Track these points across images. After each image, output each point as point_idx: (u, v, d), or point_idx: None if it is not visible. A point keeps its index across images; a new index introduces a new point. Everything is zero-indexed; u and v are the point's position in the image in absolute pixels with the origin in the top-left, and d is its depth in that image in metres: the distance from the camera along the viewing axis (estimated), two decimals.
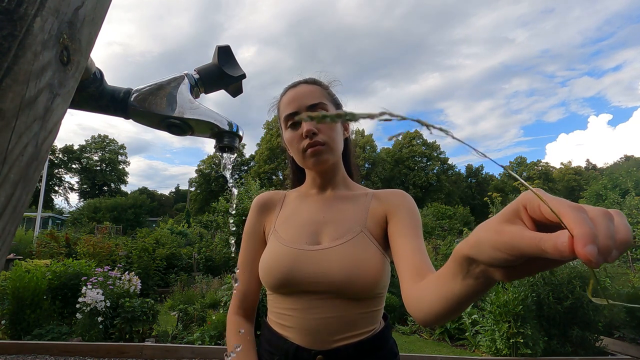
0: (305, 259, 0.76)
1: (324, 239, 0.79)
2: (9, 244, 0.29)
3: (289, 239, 0.81)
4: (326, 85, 0.93)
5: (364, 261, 0.74)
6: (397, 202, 0.85)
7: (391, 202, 0.85)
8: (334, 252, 0.75)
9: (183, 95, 0.53)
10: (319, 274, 0.74)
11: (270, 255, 0.81)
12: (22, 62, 0.26)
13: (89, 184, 47.87)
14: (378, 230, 0.81)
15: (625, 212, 9.16)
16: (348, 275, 0.72)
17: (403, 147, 52.33)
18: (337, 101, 0.93)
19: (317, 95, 0.87)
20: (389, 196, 0.87)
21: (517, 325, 3.83)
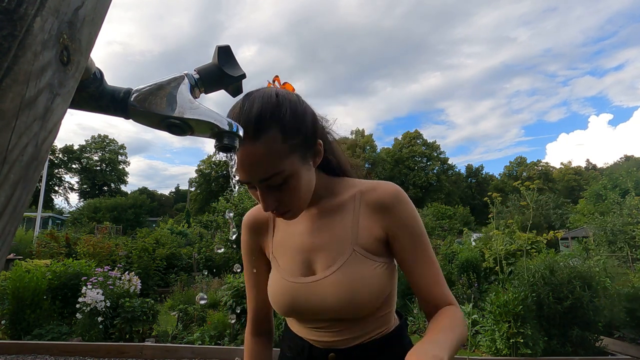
0: (303, 292, 0.76)
1: (317, 267, 0.76)
2: (9, 244, 0.29)
3: (286, 268, 0.80)
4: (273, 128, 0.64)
5: (360, 285, 0.72)
6: (396, 216, 0.75)
7: (389, 217, 0.75)
8: (329, 282, 0.73)
9: (183, 95, 0.53)
10: (318, 306, 0.74)
11: (273, 288, 0.82)
12: (22, 62, 0.26)
13: (89, 184, 47.89)
14: (373, 243, 0.76)
15: (625, 212, 9.16)
16: (346, 303, 0.72)
17: (403, 147, 52.35)
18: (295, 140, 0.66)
19: (268, 164, 0.65)
20: (383, 205, 0.76)
21: (517, 325, 3.83)
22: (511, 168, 58.80)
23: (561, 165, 57.74)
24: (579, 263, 4.46)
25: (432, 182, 49.24)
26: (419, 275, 0.75)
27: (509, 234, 5.49)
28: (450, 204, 41.74)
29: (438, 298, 0.74)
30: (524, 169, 55.95)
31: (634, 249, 7.74)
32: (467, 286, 6.09)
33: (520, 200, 6.12)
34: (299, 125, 0.67)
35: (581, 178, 49.09)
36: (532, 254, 5.03)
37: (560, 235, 5.28)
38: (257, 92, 0.68)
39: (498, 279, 4.92)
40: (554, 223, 22.83)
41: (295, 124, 0.67)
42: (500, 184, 52.12)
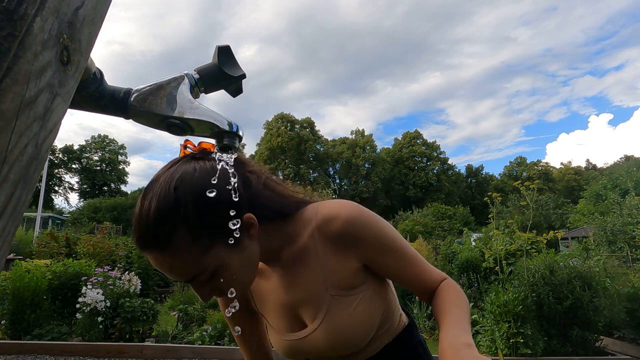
0: (299, 346, 0.76)
1: (306, 320, 0.75)
2: (9, 243, 0.29)
3: (277, 327, 0.80)
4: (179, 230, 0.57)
5: (349, 326, 0.71)
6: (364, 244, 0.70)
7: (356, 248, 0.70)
8: (319, 334, 0.73)
9: (183, 95, 0.53)
10: (317, 354, 0.76)
11: (273, 343, 0.83)
12: (22, 62, 0.26)
13: (89, 184, 47.88)
14: (348, 278, 0.72)
15: (625, 212, 9.16)
16: (342, 347, 0.73)
17: (403, 147, 52.35)
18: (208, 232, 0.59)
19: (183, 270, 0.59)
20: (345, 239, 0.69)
21: (517, 325, 3.83)
22: (511, 168, 58.82)
23: (561, 165, 57.77)
24: (579, 263, 4.46)
25: (432, 182, 49.24)
26: (408, 277, 0.75)
27: (509, 234, 5.48)
28: (450, 204, 41.76)
29: (430, 285, 0.75)
30: (524, 169, 55.95)
31: (634, 249, 7.75)
32: (467, 286, 6.08)
33: (520, 200, 6.12)
34: (210, 215, 0.58)
35: (581, 178, 49.10)
36: (532, 254, 5.02)
37: (560, 235, 5.27)
38: (154, 187, 0.58)
39: (498, 279, 4.92)
40: (554, 223, 22.84)
41: (204, 216, 0.58)
42: (500, 184, 52.12)
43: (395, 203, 47.40)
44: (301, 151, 45.73)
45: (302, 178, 44.00)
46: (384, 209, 47.56)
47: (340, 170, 50.13)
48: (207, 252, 0.59)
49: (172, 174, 0.59)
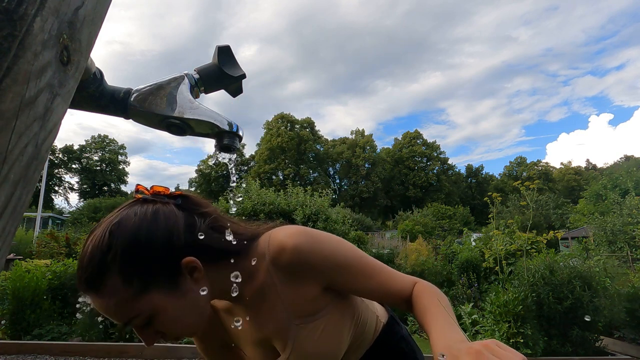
0: None
1: (279, 350, 0.75)
2: (9, 244, 0.29)
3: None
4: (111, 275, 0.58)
5: (318, 350, 0.72)
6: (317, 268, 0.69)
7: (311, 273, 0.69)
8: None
9: (183, 95, 0.53)
10: None
11: None
12: (22, 62, 0.26)
13: (89, 184, 47.89)
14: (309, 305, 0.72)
15: (625, 212, 9.16)
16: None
17: (403, 147, 52.36)
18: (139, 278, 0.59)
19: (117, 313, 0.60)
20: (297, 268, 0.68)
21: (517, 325, 3.83)
22: (511, 168, 58.84)
23: (561, 165, 57.78)
24: (579, 263, 4.46)
25: (432, 182, 49.25)
26: (372, 289, 0.73)
27: (509, 234, 5.48)
28: (450, 204, 41.77)
29: (400, 292, 0.73)
30: (524, 169, 55.96)
31: (634, 249, 7.75)
32: (467, 286, 6.09)
33: (520, 200, 6.12)
34: (142, 261, 0.58)
35: (581, 178, 49.10)
36: (532, 254, 5.03)
37: (560, 235, 5.27)
38: (96, 231, 0.60)
39: (498, 279, 4.92)
40: (554, 223, 22.85)
41: (135, 262, 0.58)
42: (500, 184, 52.14)
43: (395, 203, 47.42)
44: (301, 151, 45.73)
45: (302, 178, 44.00)
46: (384, 209, 47.58)
47: (340, 170, 50.15)
48: (140, 297, 0.58)
49: (113, 219, 0.60)
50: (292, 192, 8.02)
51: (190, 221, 0.65)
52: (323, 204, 7.67)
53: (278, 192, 8.01)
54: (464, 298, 5.84)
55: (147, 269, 0.59)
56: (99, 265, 0.57)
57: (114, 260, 0.57)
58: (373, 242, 13.03)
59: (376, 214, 44.88)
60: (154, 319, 0.61)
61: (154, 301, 0.59)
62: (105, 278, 0.57)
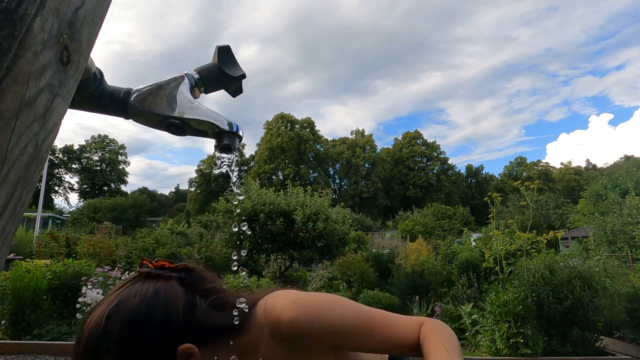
0: None
1: None
2: (9, 244, 0.29)
3: None
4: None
5: None
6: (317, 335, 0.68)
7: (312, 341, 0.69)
8: None
9: (183, 95, 0.53)
10: None
11: None
12: (22, 62, 0.26)
13: (89, 184, 47.89)
14: None
15: (625, 212, 9.16)
16: None
17: (403, 147, 52.35)
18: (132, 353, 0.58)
19: None
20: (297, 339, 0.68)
21: (517, 325, 3.83)
22: (511, 168, 58.83)
23: (561, 165, 57.78)
24: (579, 263, 4.46)
25: (432, 182, 49.24)
26: (378, 342, 0.72)
27: (509, 234, 5.49)
28: (450, 204, 41.75)
29: (408, 338, 0.72)
30: (524, 169, 55.96)
31: (634, 249, 7.75)
32: (467, 286, 6.09)
33: (520, 200, 6.12)
34: (138, 347, 0.58)
35: (581, 178, 49.09)
36: (532, 254, 5.03)
37: (560, 235, 5.27)
38: (95, 311, 0.60)
39: (498, 279, 4.92)
40: (554, 223, 22.84)
41: (131, 348, 0.57)
42: (500, 184, 52.14)
43: (395, 203, 47.41)
44: (301, 151, 45.73)
45: (302, 178, 44.00)
46: (384, 209, 47.57)
47: (340, 170, 50.15)
48: None
49: (112, 299, 0.60)
50: (292, 192, 8.02)
51: (192, 300, 0.64)
52: (323, 204, 7.67)
53: (278, 192, 8.01)
54: (464, 298, 5.84)
55: (142, 356, 0.58)
56: (95, 349, 0.56)
57: (109, 347, 0.56)
58: (373, 242, 13.04)
59: (376, 214, 44.87)
60: None
61: None
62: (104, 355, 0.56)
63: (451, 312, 5.17)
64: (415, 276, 6.37)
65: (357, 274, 7.11)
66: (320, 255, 8.27)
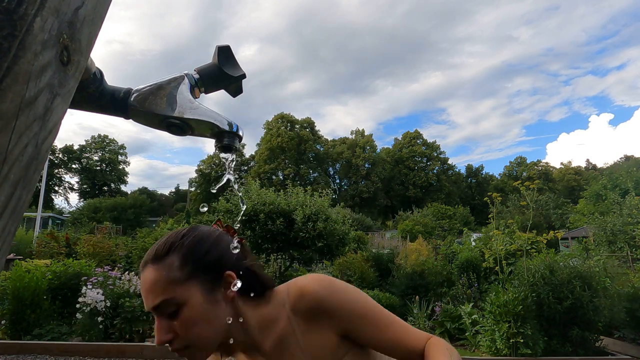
0: None
1: None
2: (9, 243, 0.29)
3: None
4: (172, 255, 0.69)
5: None
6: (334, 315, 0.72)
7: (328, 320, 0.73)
8: None
9: (183, 95, 0.53)
10: None
11: None
12: (22, 62, 0.26)
13: (89, 184, 47.89)
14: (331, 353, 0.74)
15: (625, 212, 9.16)
16: None
17: (403, 147, 52.35)
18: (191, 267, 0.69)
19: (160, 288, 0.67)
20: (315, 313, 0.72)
21: (517, 325, 3.83)
22: (511, 168, 58.83)
23: (561, 165, 57.78)
24: (579, 263, 4.46)
25: (432, 182, 49.23)
26: (387, 341, 0.74)
27: (509, 234, 5.49)
28: (450, 204, 41.74)
29: (414, 346, 0.74)
30: (524, 169, 55.95)
31: (634, 249, 7.75)
32: (467, 286, 6.09)
33: (520, 200, 6.12)
34: (200, 256, 0.70)
35: (581, 178, 49.06)
36: (532, 254, 5.03)
37: (560, 235, 5.28)
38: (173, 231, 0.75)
39: (498, 279, 4.92)
40: (554, 223, 22.84)
41: (196, 254, 0.69)
42: (500, 184, 52.12)
43: (395, 203, 47.40)
44: (301, 151, 45.73)
45: (302, 178, 44.01)
46: (384, 209, 47.58)
47: (340, 170, 50.15)
48: (183, 283, 0.67)
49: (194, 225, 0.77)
50: (292, 192, 8.02)
51: (239, 255, 0.76)
52: (323, 204, 7.67)
53: (278, 192, 8.00)
54: (464, 298, 5.84)
55: (200, 263, 0.69)
56: (170, 244, 0.70)
57: (182, 245, 0.70)
58: (373, 242, 13.03)
59: (376, 214, 44.88)
60: (180, 311, 0.66)
61: (190, 292, 0.67)
62: (169, 254, 0.69)
63: (451, 312, 5.17)
64: (415, 276, 6.37)
65: (357, 274, 7.11)
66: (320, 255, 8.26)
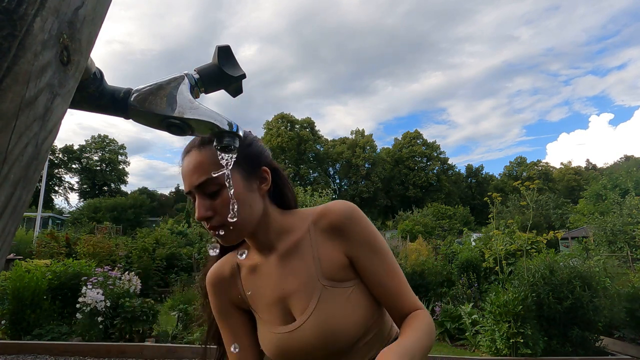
0: (287, 341, 0.76)
1: (296, 313, 0.77)
2: (9, 243, 0.29)
3: (269, 321, 0.80)
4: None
5: (339, 318, 0.73)
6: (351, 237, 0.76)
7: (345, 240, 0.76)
8: (308, 326, 0.74)
9: (183, 95, 0.53)
10: (303, 351, 0.75)
11: (261, 340, 0.82)
12: (22, 62, 0.26)
13: (89, 184, 47.88)
14: (339, 270, 0.76)
15: (625, 212, 9.16)
16: (331, 341, 0.73)
17: (403, 147, 52.35)
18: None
19: (204, 169, 0.72)
20: (336, 228, 0.77)
21: (517, 325, 3.83)
22: (511, 168, 58.83)
23: (561, 165, 57.78)
24: (579, 263, 4.46)
25: (432, 182, 49.23)
26: (386, 287, 0.76)
27: (509, 234, 5.49)
28: (450, 204, 41.74)
29: (405, 307, 0.76)
30: (524, 169, 55.95)
31: (634, 249, 7.75)
32: (467, 286, 6.09)
33: (520, 200, 6.12)
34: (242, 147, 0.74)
35: (581, 178, 49.06)
36: (532, 254, 5.03)
37: (560, 235, 5.28)
38: None
39: (498, 279, 4.93)
40: (554, 223, 22.84)
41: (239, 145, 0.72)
42: (500, 184, 52.12)
43: (395, 203, 47.40)
44: (301, 151, 45.73)
45: (302, 178, 44.01)
46: (384, 209, 47.57)
47: (340, 170, 50.14)
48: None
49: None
50: None
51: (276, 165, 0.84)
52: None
53: None
54: (464, 298, 5.84)
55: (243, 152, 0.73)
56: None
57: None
58: None
59: (376, 214, 44.86)
60: (221, 191, 0.71)
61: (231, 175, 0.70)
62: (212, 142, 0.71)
63: (451, 312, 5.17)
64: (415, 276, 6.36)
65: None
66: None
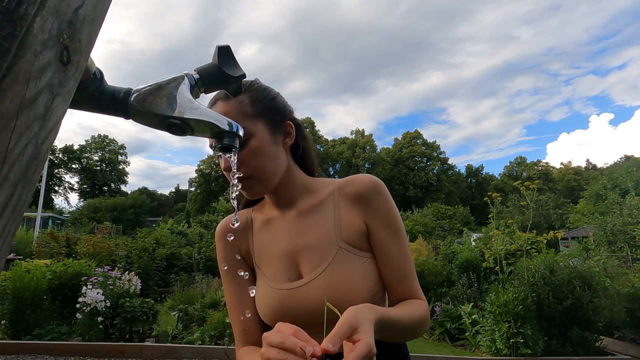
0: (291, 298, 0.73)
1: (304, 270, 0.74)
2: (9, 243, 0.29)
3: (272, 276, 0.77)
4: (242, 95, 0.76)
5: (351, 283, 0.71)
6: (373, 207, 0.77)
7: (367, 208, 0.77)
8: (318, 284, 0.71)
9: (183, 95, 0.53)
10: (308, 310, 0.71)
11: (259, 298, 0.78)
12: (22, 62, 0.26)
13: (89, 184, 47.89)
14: (358, 237, 0.76)
15: (625, 212, 9.16)
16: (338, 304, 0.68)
17: (403, 147, 52.35)
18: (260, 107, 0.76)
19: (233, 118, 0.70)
20: (361, 196, 0.78)
21: (517, 325, 3.83)
22: (511, 168, 58.82)
23: (561, 165, 57.77)
24: (579, 263, 4.46)
25: (432, 182, 49.23)
26: (392, 267, 0.75)
27: (509, 234, 5.48)
28: (450, 204, 41.72)
29: (407, 292, 0.75)
30: (524, 169, 55.95)
31: (634, 249, 7.75)
32: (467, 286, 6.09)
33: (520, 200, 6.12)
34: (267, 100, 0.78)
35: (581, 178, 49.05)
36: (532, 254, 5.03)
37: (560, 235, 5.27)
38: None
39: (498, 279, 4.92)
40: (554, 223, 22.84)
41: (264, 97, 0.77)
42: (500, 184, 52.10)
43: (395, 203, 47.36)
44: None
45: None
46: None
47: (340, 170, 50.12)
48: (251, 118, 0.74)
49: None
50: None
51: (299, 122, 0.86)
52: None
53: None
54: (464, 298, 5.84)
55: (268, 105, 0.77)
56: (245, 85, 0.76)
57: (254, 88, 0.78)
58: None
59: None
60: (248, 142, 0.72)
61: (256, 127, 0.74)
62: (244, 91, 0.75)
63: (451, 312, 5.17)
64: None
65: None
66: None
